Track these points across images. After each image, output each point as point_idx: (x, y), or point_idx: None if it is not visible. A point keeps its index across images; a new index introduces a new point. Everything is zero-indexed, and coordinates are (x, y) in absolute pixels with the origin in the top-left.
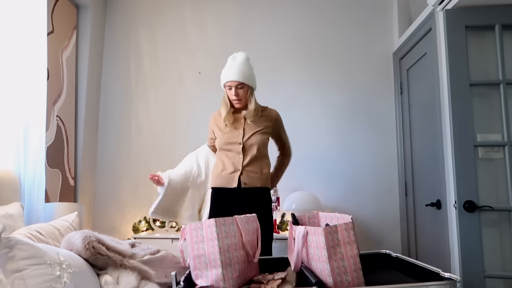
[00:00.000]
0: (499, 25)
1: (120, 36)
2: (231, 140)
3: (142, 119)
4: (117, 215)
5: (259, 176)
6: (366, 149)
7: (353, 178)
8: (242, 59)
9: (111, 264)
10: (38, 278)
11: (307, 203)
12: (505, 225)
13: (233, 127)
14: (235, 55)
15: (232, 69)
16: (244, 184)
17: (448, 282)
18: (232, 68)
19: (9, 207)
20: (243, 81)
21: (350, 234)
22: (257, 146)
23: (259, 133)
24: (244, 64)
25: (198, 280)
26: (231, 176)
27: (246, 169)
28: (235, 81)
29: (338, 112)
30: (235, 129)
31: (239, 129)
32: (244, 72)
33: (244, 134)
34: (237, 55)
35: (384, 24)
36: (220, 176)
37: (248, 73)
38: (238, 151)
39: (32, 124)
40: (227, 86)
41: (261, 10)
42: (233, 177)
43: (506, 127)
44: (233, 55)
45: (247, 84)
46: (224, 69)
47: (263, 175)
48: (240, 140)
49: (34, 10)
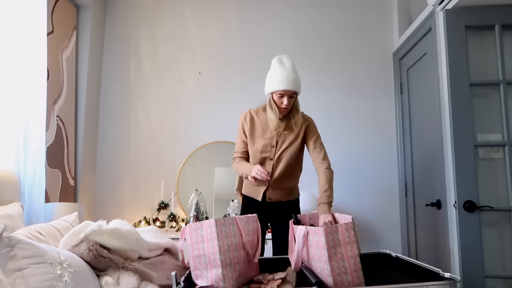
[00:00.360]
0: (499, 25)
1: (120, 36)
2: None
3: (142, 119)
4: (117, 215)
5: (284, 192)
6: (366, 149)
7: (353, 178)
8: (291, 64)
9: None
10: (39, 277)
11: (307, 203)
12: (505, 225)
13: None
14: (282, 60)
15: (284, 76)
16: (268, 199)
17: (448, 282)
18: (284, 76)
19: (9, 207)
20: (296, 90)
21: (350, 234)
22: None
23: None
24: (294, 70)
25: (198, 280)
26: (258, 189)
27: (272, 185)
28: (289, 91)
29: (337, 112)
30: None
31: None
32: (296, 81)
33: (276, 148)
34: (284, 59)
35: (384, 24)
36: (248, 186)
37: (299, 80)
38: (269, 166)
39: (32, 124)
40: (279, 94)
41: (262, 8)
42: (259, 190)
43: (506, 127)
44: (280, 59)
45: (297, 93)
46: (274, 75)
47: (289, 189)
48: (272, 156)
49: (34, 10)
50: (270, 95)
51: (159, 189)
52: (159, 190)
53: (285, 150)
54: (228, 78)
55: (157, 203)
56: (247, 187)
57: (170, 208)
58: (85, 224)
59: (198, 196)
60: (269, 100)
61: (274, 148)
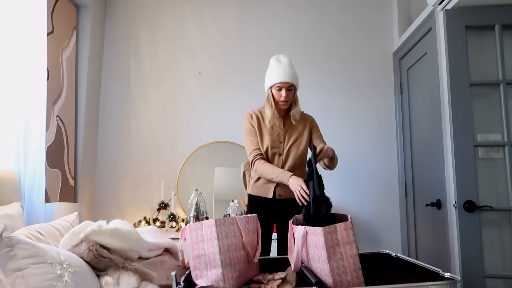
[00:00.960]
0: (499, 25)
1: (120, 36)
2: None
3: (142, 119)
4: (117, 215)
5: None
6: (366, 149)
7: (353, 178)
8: (287, 60)
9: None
10: (39, 277)
11: None
12: (505, 225)
13: (276, 133)
14: (279, 57)
15: (281, 70)
16: (279, 195)
17: (448, 282)
18: (281, 70)
19: (9, 207)
20: (293, 82)
21: (349, 234)
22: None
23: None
24: (291, 65)
25: (198, 280)
26: (267, 187)
27: None
28: (286, 83)
29: (337, 112)
30: (277, 136)
31: (280, 137)
32: (293, 74)
33: (284, 143)
34: (280, 57)
35: (384, 24)
36: (257, 185)
37: (296, 75)
38: (278, 161)
39: (32, 124)
40: (277, 87)
41: (262, 9)
42: (269, 188)
43: (506, 127)
44: (276, 57)
45: (295, 85)
46: (272, 71)
47: None
48: (281, 151)
49: (34, 10)
50: (270, 90)
51: (159, 189)
52: (159, 190)
53: (293, 144)
54: (228, 78)
55: (157, 203)
56: (256, 187)
57: (170, 208)
58: (85, 224)
59: (198, 196)
60: (267, 96)
61: (282, 144)
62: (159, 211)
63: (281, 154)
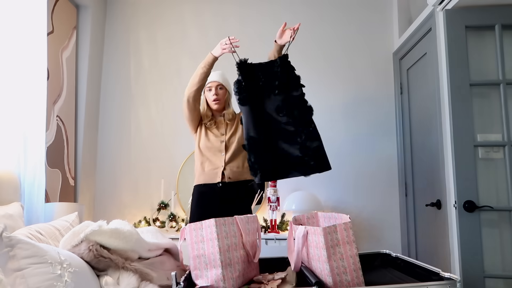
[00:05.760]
0: (499, 25)
1: (120, 36)
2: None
3: (142, 119)
4: (117, 215)
5: (240, 170)
6: (366, 149)
7: (353, 178)
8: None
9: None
10: (39, 277)
11: (307, 203)
12: (505, 225)
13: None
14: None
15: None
16: (228, 178)
17: (448, 282)
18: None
19: (9, 207)
20: (222, 82)
21: (349, 233)
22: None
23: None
24: (223, 73)
25: (198, 280)
26: (215, 172)
27: (228, 163)
28: (215, 81)
29: (338, 112)
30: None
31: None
32: (223, 76)
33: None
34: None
35: (384, 24)
36: (204, 172)
37: (227, 79)
38: (221, 149)
39: (32, 124)
40: (207, 88)
41: (261, 10)
42: (217, 172)
43: (506, 127)
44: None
45: (225, 87)
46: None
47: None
48: (223, 138)
49: (34, 10)
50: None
51: (159, 189)
52: (159, 190)
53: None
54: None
55: (157, 203)
56: (203, 174)
57: (170, 208)
58: (85, 224)
59: None
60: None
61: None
62: (159, 211)
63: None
